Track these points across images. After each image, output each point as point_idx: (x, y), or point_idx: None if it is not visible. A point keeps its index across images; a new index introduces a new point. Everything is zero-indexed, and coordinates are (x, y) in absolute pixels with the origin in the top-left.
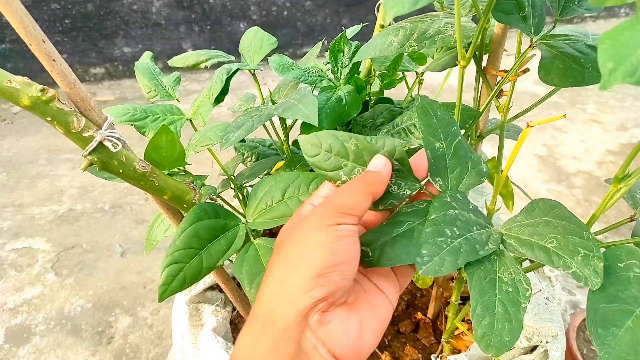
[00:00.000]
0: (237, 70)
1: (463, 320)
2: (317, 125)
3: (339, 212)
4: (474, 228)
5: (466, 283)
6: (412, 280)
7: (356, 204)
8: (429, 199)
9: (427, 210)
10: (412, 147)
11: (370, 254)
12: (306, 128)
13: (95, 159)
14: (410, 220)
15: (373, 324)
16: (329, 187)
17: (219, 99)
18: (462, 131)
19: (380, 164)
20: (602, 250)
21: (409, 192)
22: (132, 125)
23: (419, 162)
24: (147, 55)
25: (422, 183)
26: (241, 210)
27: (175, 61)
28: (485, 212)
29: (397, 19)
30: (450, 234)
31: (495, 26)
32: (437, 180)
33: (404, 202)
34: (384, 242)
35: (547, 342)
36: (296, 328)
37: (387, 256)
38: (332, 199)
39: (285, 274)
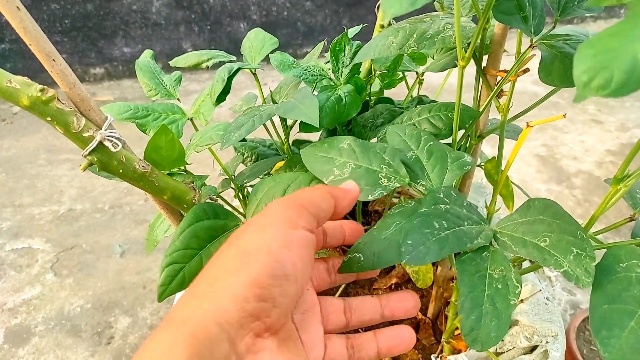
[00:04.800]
0: (239, 69)
1: None
2: (318, 127)
3: (299, 205)
4: (465, 223)
5: None
6: (412, 281)
7: (317, 201)
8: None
9: (415, 209)
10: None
11: (362, 259)
12: (305, 127)
13: (95, 159)
14: (398, 221)
15: None
16: None
17: (221, 99)
18: (462, 131)
19: (349, 184)
20: (604, 250)
21: (397, 185)
22: (133, 122)
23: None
24: (147, 53)
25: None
26: (241, 211)
27: (177, 61)
28: (485, 212)
29: (397, 19)
30: (438, 226)
31: (495, 26)
32: (419, 182)
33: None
34: (374, 246)
35: (547, 342)
36: (218, 346)
37: (379, 259)
38: (293, 194)
39: (219, 275)
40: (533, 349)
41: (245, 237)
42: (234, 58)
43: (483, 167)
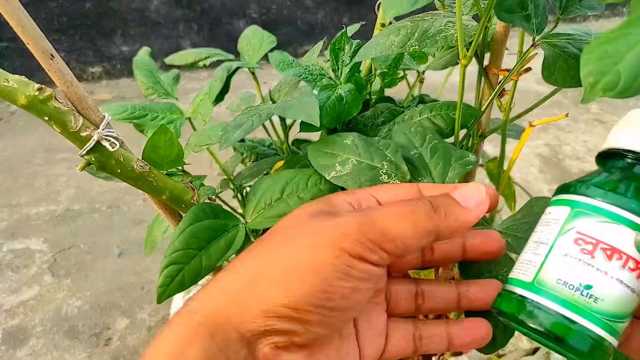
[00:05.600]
0: (238, 68)
1: None
2: (318, 126)
3: (371, 238)
4: None
5: None
6: None
7: (400, 236)
8: None
9: None
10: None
11: None
12: (305, 127)
13: (93, 159)
14: None
15: None
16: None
17: (219, 98)
18: (464, 131)
19: (471, 194)
20: None
21: (397, 182)
22: (130, 122)
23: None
24: (145, 51)
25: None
26: (240, 211)
27: (174, 59)
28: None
29: (397, 18)
30: None
31: (497, 25)
32: (420, 179)
33: None
34: None
35: None
36: (235, 352)
37: None
38: (372, 213)
39: (256, 280)
40: (535, 350)
41: (296, 247)
42: (232, 57)
43: (485, 166)
